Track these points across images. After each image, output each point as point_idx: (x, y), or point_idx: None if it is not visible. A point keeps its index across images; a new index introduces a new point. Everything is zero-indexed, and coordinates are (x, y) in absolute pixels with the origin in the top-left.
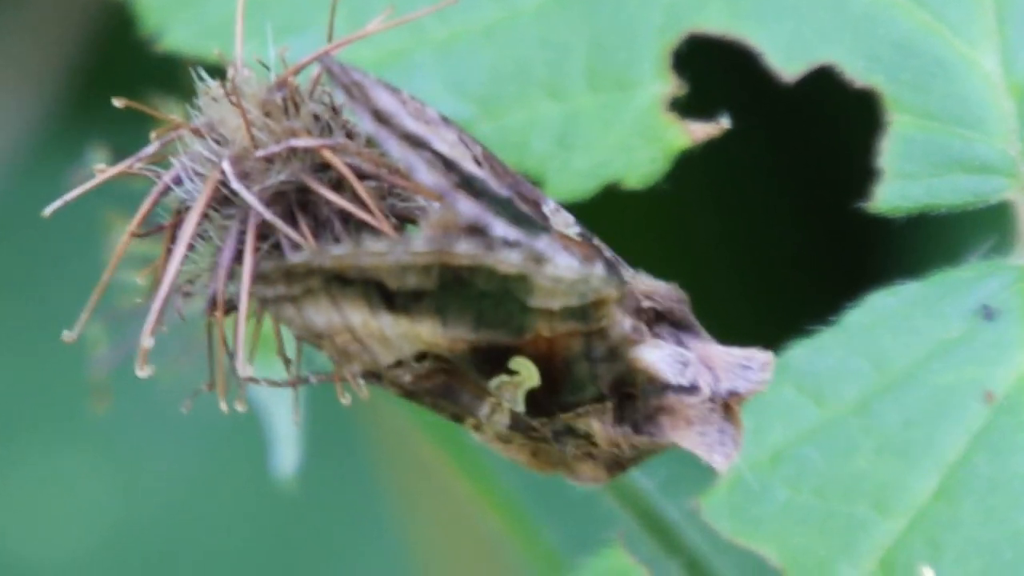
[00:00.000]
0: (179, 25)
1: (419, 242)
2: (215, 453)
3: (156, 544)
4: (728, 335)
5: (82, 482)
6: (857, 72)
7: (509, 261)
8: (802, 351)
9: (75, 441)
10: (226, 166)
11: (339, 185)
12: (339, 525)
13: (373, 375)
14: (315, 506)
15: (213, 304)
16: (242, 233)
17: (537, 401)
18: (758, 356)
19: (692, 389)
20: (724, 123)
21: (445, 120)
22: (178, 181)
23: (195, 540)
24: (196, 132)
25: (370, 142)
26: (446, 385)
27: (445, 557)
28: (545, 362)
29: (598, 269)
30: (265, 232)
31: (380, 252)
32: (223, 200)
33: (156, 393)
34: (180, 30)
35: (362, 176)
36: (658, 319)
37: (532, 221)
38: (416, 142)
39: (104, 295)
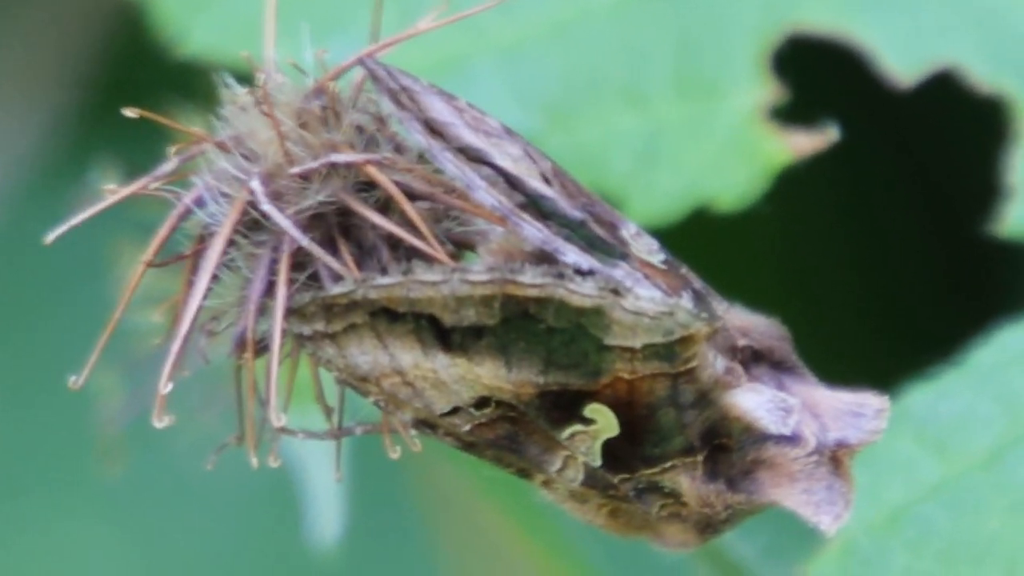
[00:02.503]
0: (202, 26)
1: (478, 271)
2: (244, 518)
3: None
4: (838, 377)
5: (92, 553)
6: (984, 75)
7: (582, 292)
8: (923, 396)
9: (84, 506)
10: (256, 185)
11: (386, 206)
12: None
13: (426, 424)
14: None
15: (241, 344)
16: (274, 262)
17: (616, 454)
18: (872, 402)
19: (796, 440)
20: (832, 134)
21: (509, 132)
22: (200, 203)
23: None
24: (221, 146)
25: (422, 157)
26: (511, 436)
27: None
28: (625, 409)
29: (685, 301)
30: (301, 261)
31: (433, 282)
32: (252, 224)
33: (176, 449)
34: (203, 32)
35: (412, 196)
36: (756, 359)
37: (609, 247)
38: (475, 157)
39: (115, 336)
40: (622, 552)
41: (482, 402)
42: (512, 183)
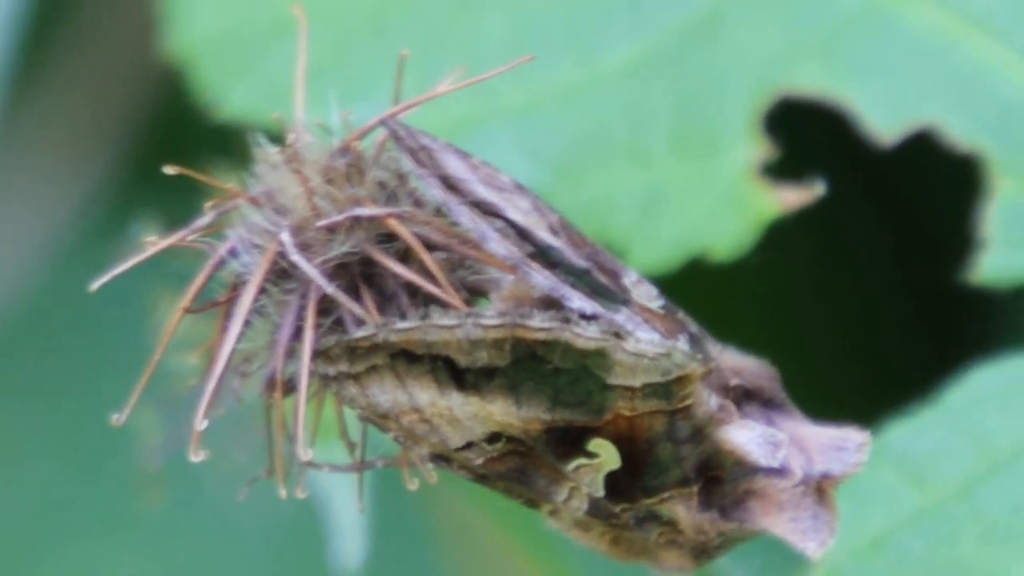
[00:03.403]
0: (238, 91)
1: (490, 316)
2: (273, 545)
3: None
4: (822, 413)
5: (136, 573)
6: (961, 135)
7: (587, 335)
8: (902, 431)
9: (125, 536)
10: (285, 237)
11: (406, 256)
12: None
13: (442, 458)
14: None
15: (271, 384)
16: (302, 308)
17: (618, 485)
18: (854, 437)
19: (784, 472)
20: (818, 189)
21: (519, 187)
22: (234, 253)
23: None
24: (253, 201)
25: (439, 211)
26: (520, 468)
27: None
28: (626, 443)
29: (682, 344)
30: (327, 307)
31: (449, 326)
32: (282, 273)
33: (211, 481)
34: (239, 96)
35: (430, 247)
36: (747, 397)
37: (611, 293)
38: (488, 210)
39: (155, 377)
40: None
41: (493, 437)
42: (522, 234)
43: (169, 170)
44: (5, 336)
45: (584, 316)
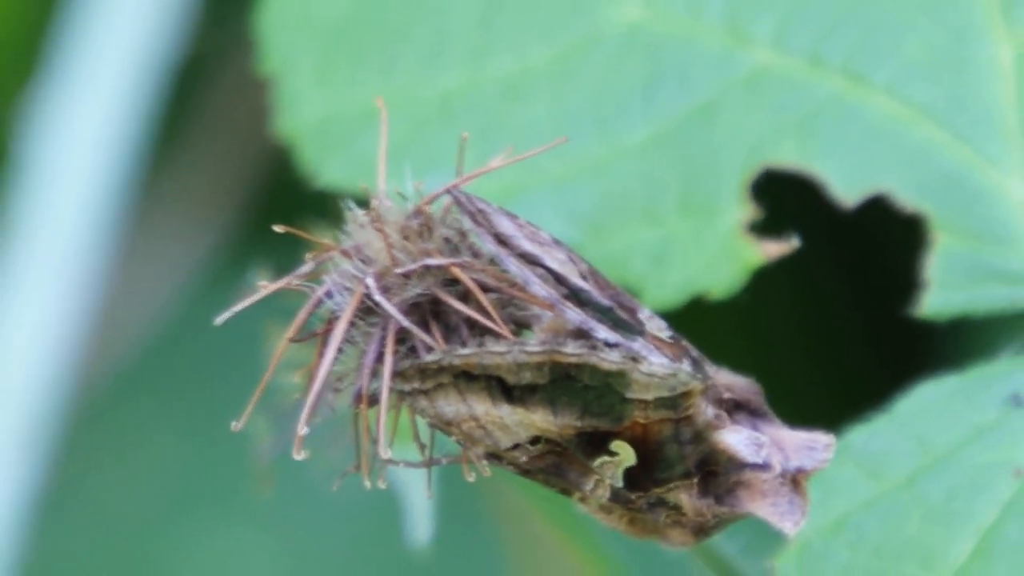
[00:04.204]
0: (332, 165)
1: (533, 344)
2: (360, 526)
3: None
4: (797, 421)
5: (253, 554)
6: (909, 199)
7: (610, 360)
8: (860, 434)
9: (247, 519)
10: (370, 282)
11: (465, 297)
12: None
13: (494, 456)
14: (444, 572)
15: (359, 398)
16: (383, 338)
17: (633, 477)
18: (822, 439)
19: (766, 467)
20: (794, 243)
21: (556, 241)
22: (329, 295)
23: None
24: (345, 253)
25: (492, 261)
26: (556, 464)
27: None
28: (640, 444)
29: (685, 366)
30: (403, 337)
31: (501, 352)
32: (367, 310)
33: (311, 476)
34: (333, 169)
35: (485, 289)
36: (737, 408)
37: (630, 326)
38: (531, 260)
39: (266, 393)
40: (638, 550)
41: (535, 440)
42: (559, 279)
43: (278, 228)
44: (147, 364)
45: (608, 344)
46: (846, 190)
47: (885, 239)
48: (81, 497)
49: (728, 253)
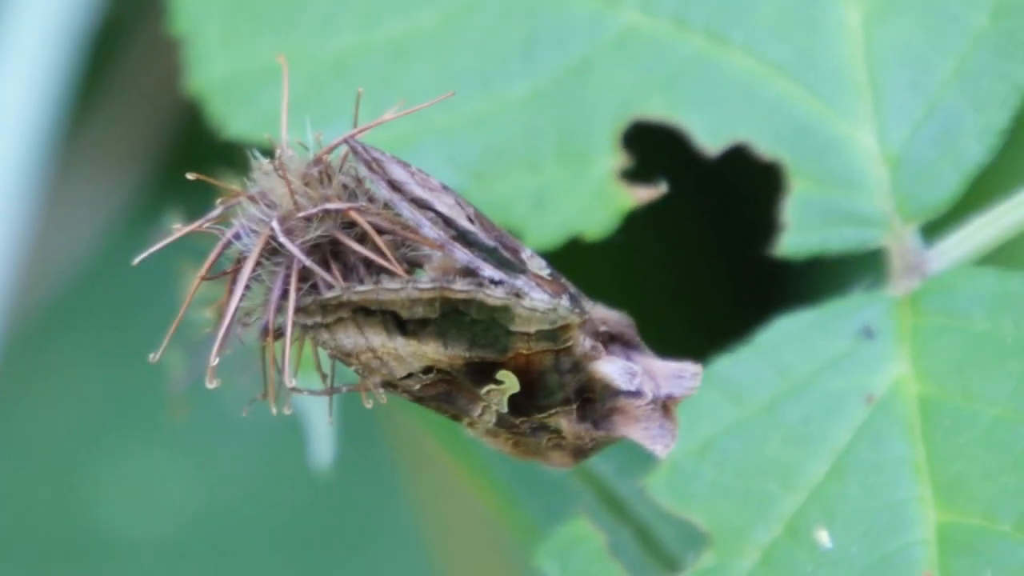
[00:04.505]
0: (238, 119)
1: (425, 282)
2: (268, 449)
3: (226, 524)
4: (666, 351)
5: (168, 474)
6: (766, 148)
7: (495, 295)
8: (724, 364)
9: (163, 441)
10: (275, 225)
11: (362, 238)
12: (364, 504)
13: (390, 385)
14: (344, 490)
15: (265, 331)
16: (287, 276)
17: (517, 404)
18: (690, 368)
19: (638, 394)
20: (662, 188)
21: (445, 187)
22: (237, 237)
23: (254, 519)
24: (251, 199)
25: (386, 205)
26: (447, 392)
27: (447, 530)
28: (523, 374)
29: (564, 301)
30: (305, 275)
31: (395, 289)
32: (272, 251)
33: (222, 402)
34: (239, 122)
35: (380, 231)
36: (611, 340)
37: (513, 265)
38: (422, 204)
39: (180, 327)
40: (521, 471)
41: (427, 370)
42: (447, 222)
43: (190, 176)
44: (72, 299)
45: (493, 281)
46: (709, 140)
47: (745, 185)
48: (11, 419)
49: (602, 198)
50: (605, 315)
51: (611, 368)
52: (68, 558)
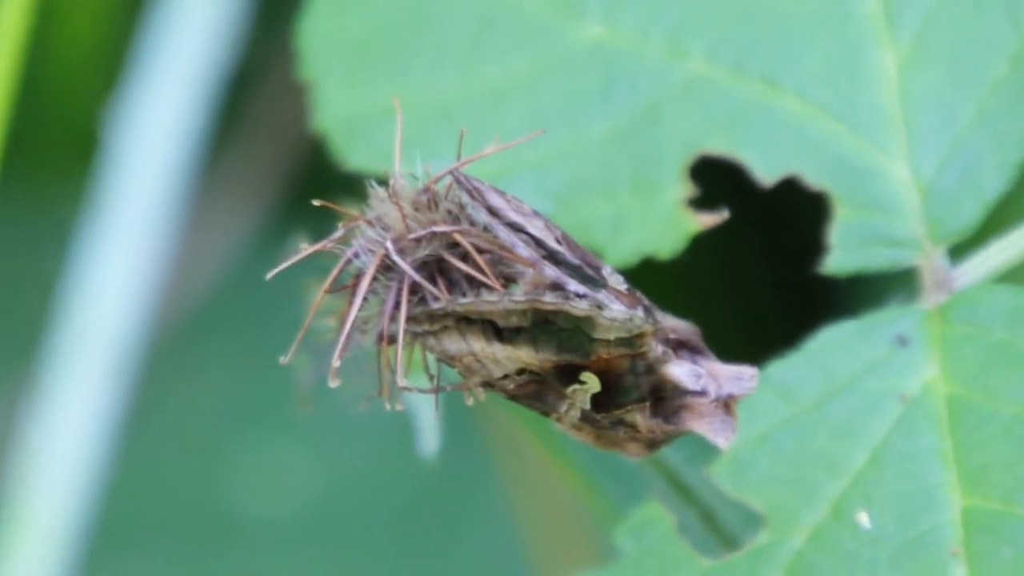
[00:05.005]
0: (357, 153)
1: (519, 295)
2: (382, 441)
3: (344, 505)
4: (726, 356)
5: (294, 462)
6: (814, 179)
7: (580, 307)
8: (777, 367)
9: (290, 434)
10: (389, 245)
11: (465, 257)
12: (465, 489)
13: (488, 385)
14: (447, 477)
15: (380, 338)
16: (399, 290)
17: (598, 401)
18: (747, 370)
19: (703, 393)
20: (723, 214)
21: (536, 213)
22: (356, 256)
23: (369, 501)
24: (368, 223)
25: (486, 228)
26: (537, 391)
27: (537, 511)
28: (604, 375)
29: (639, 312)
30: (415, 289)
31: (493, 301)
32: (386, 268)
33: (343, 400)
34: (358, 156)
35: (480, 251)
36: (680, 346)
37: (595, 281)
38: (516, 228)
39: (307, 334)
40: (602, 459)
41: (520, 372)
42: (538, 243)
43: (315, 203)
44: (211, 310)
45: (578, 295)
46: (765, 173)
47: (796, 212)
48: (157, 417)
49: (671, 223)
50: (674, 324)
51: (680, 370)
52: (208, 534)
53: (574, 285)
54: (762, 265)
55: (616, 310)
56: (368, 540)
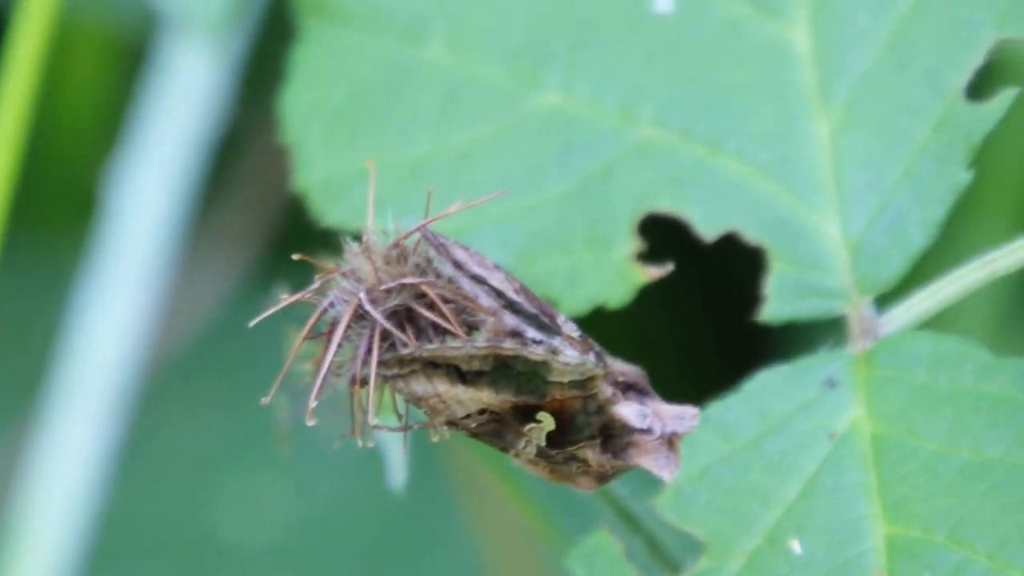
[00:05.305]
0: (334, 211)
1: (480, 342)
2: (353, 473)
3: (320, 534)
4: (670, 397)
5: (273, 493)
6: (752, 235)
7: (536, 353)
8: (717, 407)
9: (270, 467)
10: (362, 296)
11: (432, 306)
12: (430, 519)
13: (452, 423)
14: (414, 508)
15: (353, 381)
16: (371, 337)
17: (553, 439)
18: (690, 410)
19: (649, 431)
20: (668, 267)
21: (497, 266)
22: (332, 305)
23: (342, 530)
24: (344, 275)
25: (450, 280)
26: (496, 430)
27: (496, 540)
28: (558, 415)
29: (591, 357)
30: (385, 336)
31: (457, 347)
32: (360, 317)
33: (319, 437)
34: (335, 214)
35: (445, 301)
36: (628, 388)
37: (551, 328)
38: (479, 280)
39: (286, 377)
40: (556, 492)
41: (481, 411)
42: (499, 294)
43: (295, 257)
44: (198, 353)
45: (535, 342)
46: (706, 229)
47: (735, 266)
48: (148, 449)
49: (621, 275)
50: (623, 368)
51: (628, 411)
52: (193, 558)
53: (532, 332)
54: (703, 314)
55: (570, 355)
56: (341, 566)
